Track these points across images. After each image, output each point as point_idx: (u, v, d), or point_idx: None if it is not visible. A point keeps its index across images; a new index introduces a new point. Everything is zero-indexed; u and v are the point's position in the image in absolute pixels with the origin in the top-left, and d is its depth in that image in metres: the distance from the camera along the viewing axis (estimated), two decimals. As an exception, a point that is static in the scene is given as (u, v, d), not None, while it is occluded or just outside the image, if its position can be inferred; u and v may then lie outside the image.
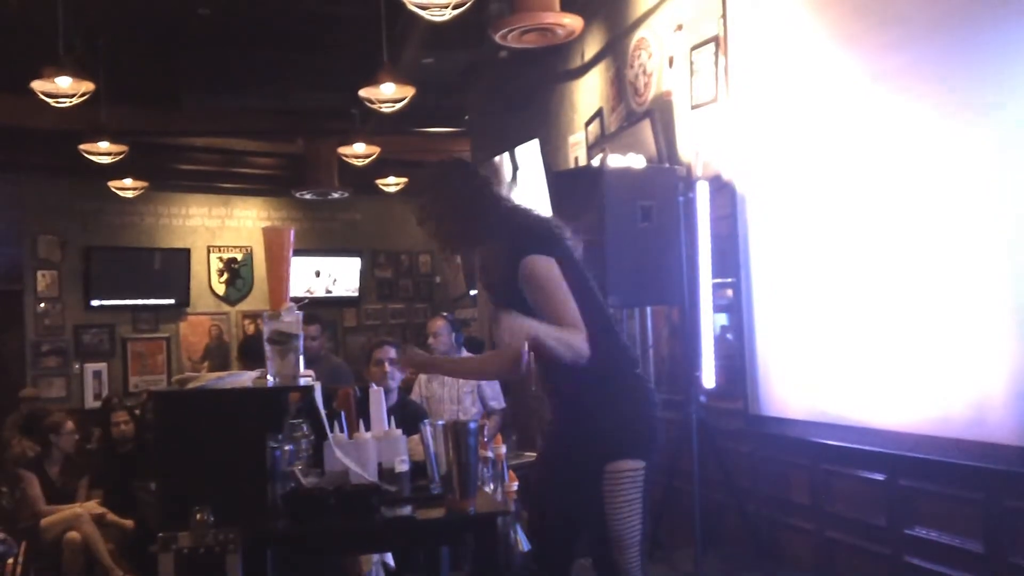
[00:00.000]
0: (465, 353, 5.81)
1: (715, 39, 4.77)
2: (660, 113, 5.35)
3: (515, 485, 2.82)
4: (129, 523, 5.91)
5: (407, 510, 2.77)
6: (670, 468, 4.66)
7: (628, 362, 2.81)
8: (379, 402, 3.08)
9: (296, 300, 2.87)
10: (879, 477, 3.74)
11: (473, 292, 9.45)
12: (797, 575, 4.27)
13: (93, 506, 5.92)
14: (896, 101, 3.56)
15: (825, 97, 3.96)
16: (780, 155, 4.31)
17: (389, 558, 3.99)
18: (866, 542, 3.82)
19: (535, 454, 3.60)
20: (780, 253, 4.34)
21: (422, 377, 5.84)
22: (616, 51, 6.08)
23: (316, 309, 6.72)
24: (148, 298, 10.63)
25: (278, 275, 2.91)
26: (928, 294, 3.43)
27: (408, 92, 6.50)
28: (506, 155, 7.31)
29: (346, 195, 10.41)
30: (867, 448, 3.73)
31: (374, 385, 3.38)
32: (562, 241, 2.77)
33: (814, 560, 4.18)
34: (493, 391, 5.74)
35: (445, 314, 6.20)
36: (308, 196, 10.46)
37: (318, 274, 11.40)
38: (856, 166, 3.78)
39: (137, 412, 7.18)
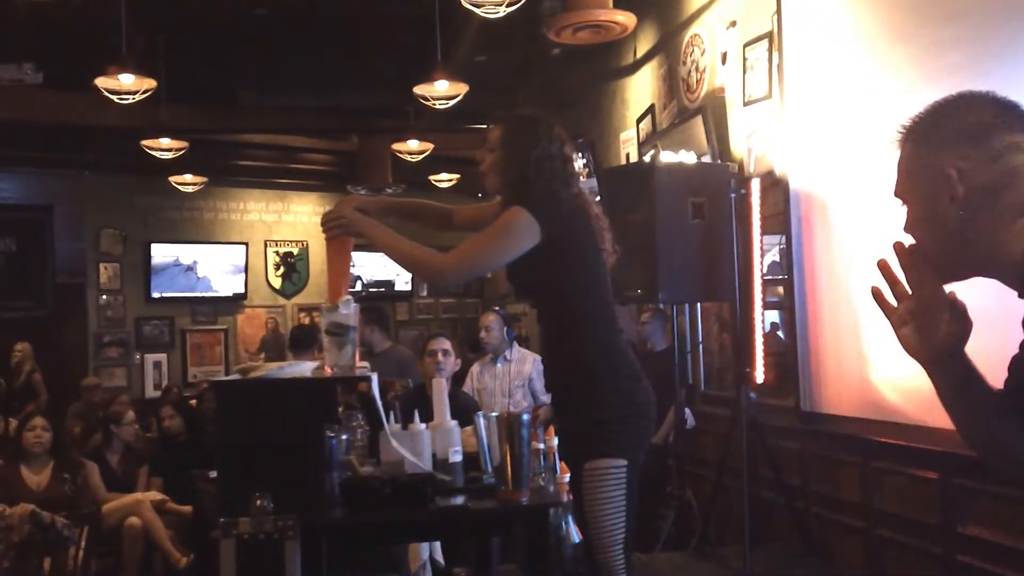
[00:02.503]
0: (516, 348, 5.86)
1: (768, 35, 4.76)
2: (712, 110, 5.35)
3: (567, 477, 2.86)
4: (187, 510, 6.04)
5: (460, 500, 2.82)
6: (719, 464, 4.67)
7: (621, 363, 2.76)
8: (442, 392, 3.13)
9: (353, 294, 2.93)
10: (932, 475, 3.71)
11: None
12: (846, 573, 4.26)
13: (154, 494, 6.06)
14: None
15: (879, 94, 3.93)
16: (833, 152, 4.28)
17: (439, 554, 4.04)
18: (917, 541, 3.80)
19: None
20: (833, 250, 4.31)
21: (474, 370, 5.90)
22: (668, 48, 6.08)
23: (369, 303, 6.84)
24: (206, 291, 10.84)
25: (336, 269, 2.97)
26: (982, 292, 3.39)
27: (461, 89, 6.56)
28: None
29: (400, 191, 10.52)
30: (920, 446, 3.69)
31: (438, 375, 3.43)
32: (584, 218, 2.75)
33: (864, 558, 4.16)
34: (543, 385, 5.78)
35: (497, 309, 6.26)
36: (362, 192, 10.57)
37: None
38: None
39: (192, 403, 7.35)
